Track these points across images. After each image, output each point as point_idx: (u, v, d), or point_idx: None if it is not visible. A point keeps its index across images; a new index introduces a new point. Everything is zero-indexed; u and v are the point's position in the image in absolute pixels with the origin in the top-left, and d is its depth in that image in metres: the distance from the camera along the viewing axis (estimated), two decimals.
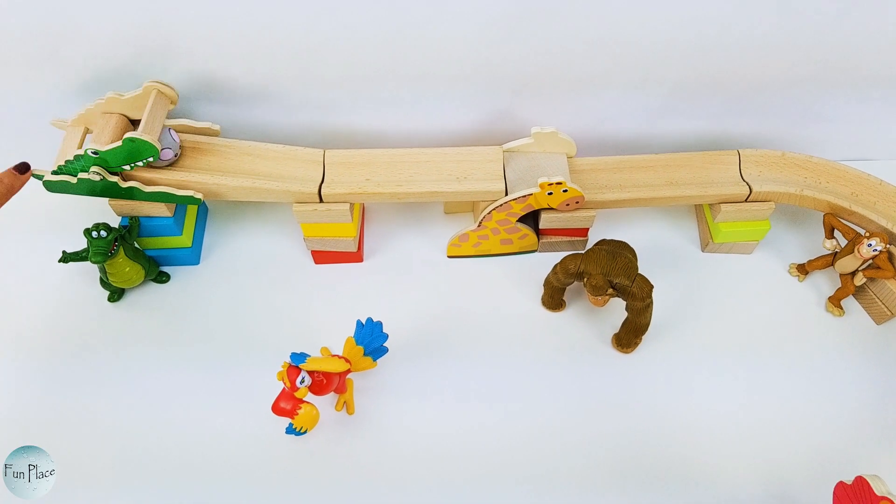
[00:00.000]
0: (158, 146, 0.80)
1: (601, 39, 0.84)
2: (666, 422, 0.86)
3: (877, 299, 0.91)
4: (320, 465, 0.83)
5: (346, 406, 0.86)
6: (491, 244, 0.94)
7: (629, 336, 0.88)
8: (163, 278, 0.95)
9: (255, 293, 0.95)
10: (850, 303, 0.94)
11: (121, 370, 0.88)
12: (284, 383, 0.76)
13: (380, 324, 0.82)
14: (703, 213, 0.96)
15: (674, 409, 0.87)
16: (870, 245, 0.84)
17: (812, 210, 0.93)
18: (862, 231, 0.89)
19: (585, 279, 0.83)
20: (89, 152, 0.80)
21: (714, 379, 0.88)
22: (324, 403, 0.85)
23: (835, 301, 0.92)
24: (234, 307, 0.94)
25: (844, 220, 0.90)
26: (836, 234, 0.91)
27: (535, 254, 0.98)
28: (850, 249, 0.88)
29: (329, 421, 0.85)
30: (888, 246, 0.86)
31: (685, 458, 0.83)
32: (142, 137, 0.79)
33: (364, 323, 0.81)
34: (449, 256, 0.97)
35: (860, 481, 0.65)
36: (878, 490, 0.63)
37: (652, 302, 0.84)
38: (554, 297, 0.91)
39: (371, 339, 0.82)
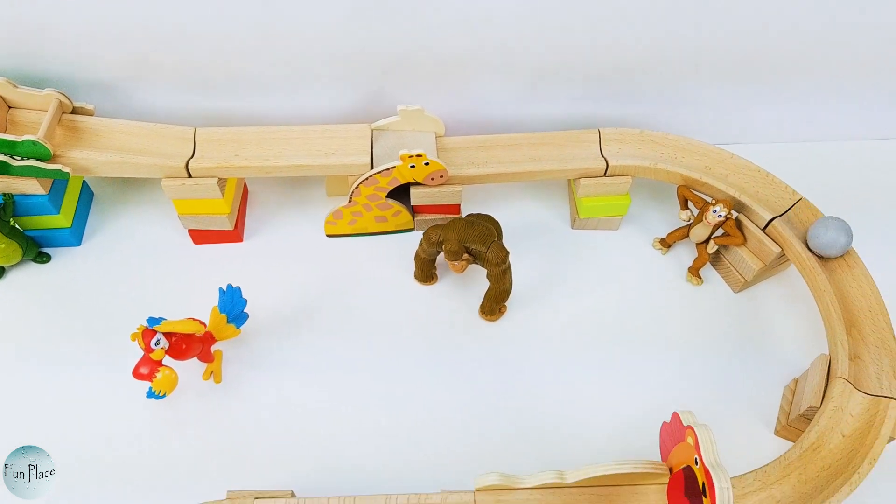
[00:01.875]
0: (51, 151, 0.85)
1: (461, 22, 0.89)
2: (530, 388, 0.89)
3: (732, 267, 0.95)
4: (188, 432, 0.85)
5: (214, 375, 0.88)
6: (366, 222, 0.97)
7: (492, 303, 0.91)
8: (43, 258, 0.96)
9: (135, 274, 0.97)
10: (710, 273, 0.99)
11: None
12: (140, 345, 0.78)
13: (238, 289, 0.84)
14: (571, 191, 1.01)
15: (539, 375, 0.90)
16: (715, 211, 0.89)
17: (673, 186, 0.98)
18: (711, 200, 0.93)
19: (444, 245, 0.86)
20: None
21: (578, 348, 0.92)
22: (193, 373, 0.87)
23: (693, 271, 0.96)
24: (113, 288, 0.95)
25: (697, 191, 0.94)
26: (690, 205, 0.95)
27: (413, 233, 1.01)
28: (700, 218, 0.92)
29: (199, 389, 0.87)
30: (733, 212, 0.91)
31: (549, 423, 0.86)
32: (42, 142, 0.83)
33: (224, 290, 0.84)
34: (327, 235, 1.00)
35: (675, 416, 0.69)
36: (686, 421, 0.66)
37: (509, 268, 0.88)
38: (424, 270, 0.94)
39: (232, 306, 0.84)
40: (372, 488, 0.76)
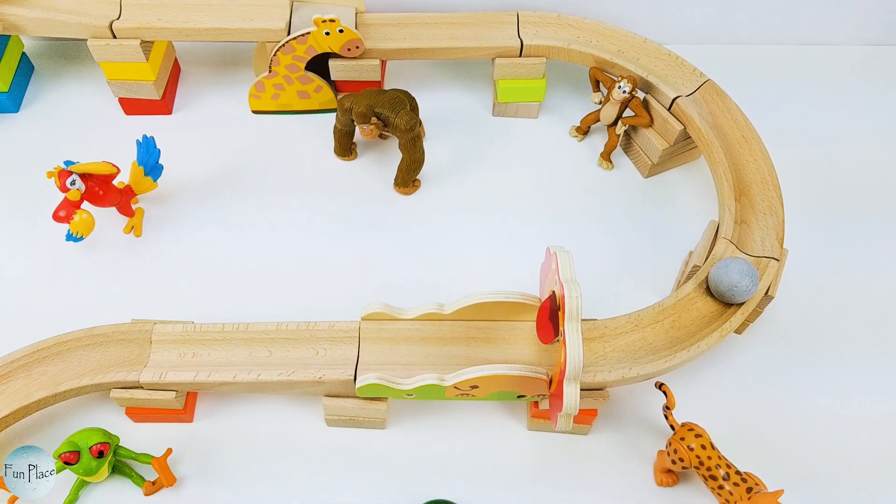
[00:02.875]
0: None
1: None
2: (433, 251, 0.93)
3: (640, 151, 0.98)
4: (107, 277, 0.90)
5: (134, 229, 0.92)
6: (289, 97, 1.01)
7: (405, 175, 0.95)
8: None
9: (68, 142, 1.00)
10: (621, 159, 1.02)
11: None
12: (56, 184, 0.82)
13: (153, 139, 0.88)
14: (491, 76, 1.04)
15: (444, 241, 0.94)
16: (619, 87, 0.92)
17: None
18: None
19: (353, 109, 0.90)
20: None
21: (485, 216, 0.96)
22: (115, 226, 0.92)
23: (605, 155, 1.00)
24: (46, 154, 0.99)
25: (608, 73, 0.97)
26: (602, 88, 0.98)
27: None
28: (608, 97, 0.95)
29: (120, 241, 0.92)
30: (639, 92, 0.94)
31: (443, 279, 0.90)
32: None
33: (140, 141, 0.88)
34: (253, 111, 1.03)
35: (547, 252, 0.72)
36: (552, 251, 0.69)
37: (419, 136, 0.91)
38: (342, 144, 0.98)
39: (148, 157, 0.88)
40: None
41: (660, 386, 0.77)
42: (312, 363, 0.75)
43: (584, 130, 1.02)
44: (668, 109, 0.93)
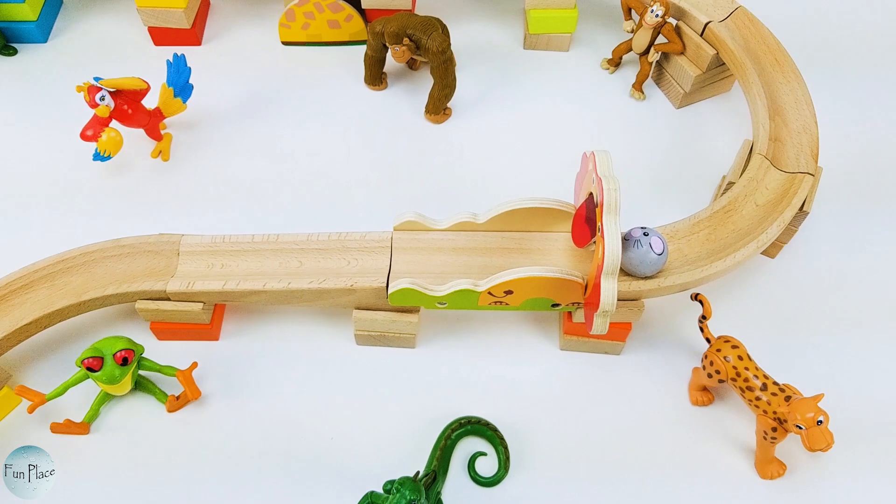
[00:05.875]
0: None
1: None
2: (473, 182, 0.92)
3: (672, 80, 0.97)
4: (134, 198, 0.90)
5: (162, 154, 0.92)
6: (319, 26, 1.00)
7: (436, 102, 0.94)
8: (9, 51, 1.00)
9: (97, 72, 1.00)
10: (653, 91, 1.00)
11: None
12: (84, 98, 0.82)
13: (183, 57, 0.88)
14: (525, 10, 1.03)
15: (480, 173, 0.93)
16: (652, 10, 0.91)
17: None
18: None
19: (385, 30, 0.89)
20: None
21: (515, 145, 0.95)
22: (143, 150, 0.92)
23: (637, 86, 0.98)
24: (75, 83, 0.99)
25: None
26: (634, 15, 0.97)
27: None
28: (640, 24, 0.94)
29: (147, 165, 0.92)
30: (672, 20, 0.92)
31: (478, 193, 0.90)
32: None
33: (171, 61, 0.88)
34: (283, 42, 1.03)
35: (583, 157, 0.71)
36: (588, 155, 0.68)
37: (451, 60, 0.91)
38: (373, 71, 0.97)
39: (178, 76, 0.88)
40: None
41: (695, 296, 0.76)
42: (344, 272, 0.74)
43: (615, 62, 1.01)
44: (701, 35, 0.92)
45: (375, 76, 0.98)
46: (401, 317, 0.76)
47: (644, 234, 0.71)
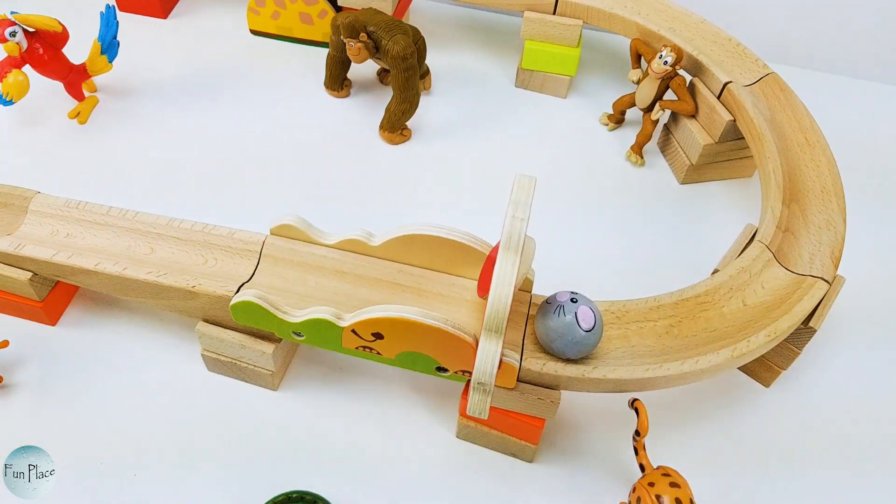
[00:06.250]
0: None
1: None
2: (411, 216, 0.76)
3: (679, 148, 0.81)
4: (36, 153, 0.79)
5: (80, 115, 0.81)
6: (290, 18, 0.89)
7: (392, 118, 0.80)
8: None
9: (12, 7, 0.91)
10: (656, 158, 0.84)
11: None
12: None
13: (114, 8, 0.79)
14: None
15: (421, 208, 0.78)
16: (661, 56, 0.76)
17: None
18: None
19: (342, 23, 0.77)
20: None
21: (479, 199, 0.79)
22: (61, 108, 0.82)
23: (636, 148, 0.82)
24: None
25: (654, 47, 0.81)
26: (644, 64, 0.82)
27: None
28: (647, 73, 0.79)
29: (61, 125, 0.82)
30: (681, 66, 0.77)
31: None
32: None
33: (104, 11, 0.78)
34: (251, 31, 0.93)
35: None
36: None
37: (414, 71, 0.77)
38: (333, 74, 0.85)
39: (107, 30, 0.78)
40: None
41: (632, 402, 0.57)
42: (193, 271, 0.59)
43: (616, 118, 0.86)
44: (718, 97, 0.76)
45: (335, 79, 0.85)
46: (252, 343, 0.60)
47: (572, 299, 0.53)
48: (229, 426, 0.62)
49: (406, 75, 0.77)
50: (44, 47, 0.75)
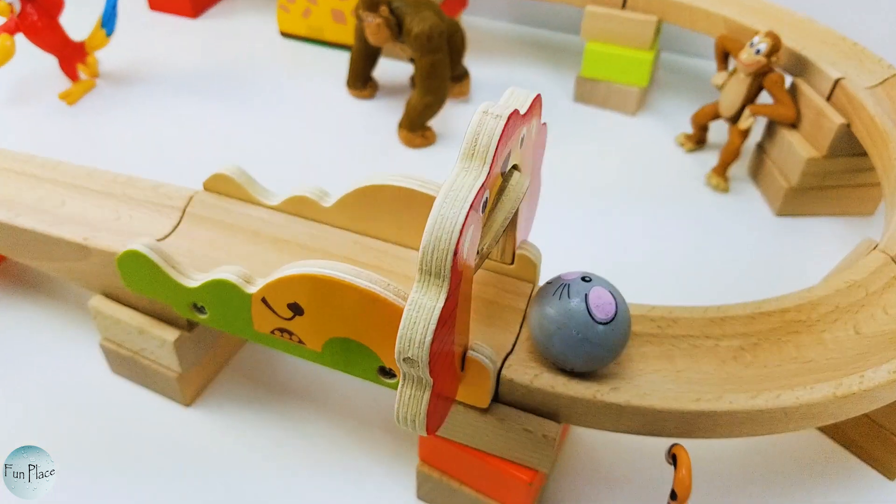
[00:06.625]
0: None
1: None
2: None
3: (775, 169, 0.62)
4: (19, 128, 0.72)
5: (69, 97, 0.74)
6: (322, 16, 0.80)
7: (413, 116, 0.67)
8: None
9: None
10: (745, 185, 0.65)
11: None
12: None
13: None
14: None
15: None
16: (751, 45, 0.59)
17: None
18: None
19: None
20: None
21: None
22: (52, 87, 0.76)
23: (720, 169, 0.64)
24: None
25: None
26: (731, 65, 0.65)
27: None
28: (734, 72, 0.62)
29: (49, 105, 0.75)
30: (779, 62, 0.59)
31: None
32: None
33: None
34: (281, 33, 0.85)
35: None
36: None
37: (441, 61, 0.64)
38: (356, 70, 0.74)
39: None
40: None
41: (671, 451, 0.36)
42: (99, 226, 0.46)
43: (696, 137, 0.68)
44: (827, 99, 0.58)
45: (358, 76, 0.74)
46: (152, 327, 0.44)
47: (584, 279, 0.35)
48: (126, 439, 0.46)
49: (431, 60, 0.64)
50: (38, 13, 0.69)
